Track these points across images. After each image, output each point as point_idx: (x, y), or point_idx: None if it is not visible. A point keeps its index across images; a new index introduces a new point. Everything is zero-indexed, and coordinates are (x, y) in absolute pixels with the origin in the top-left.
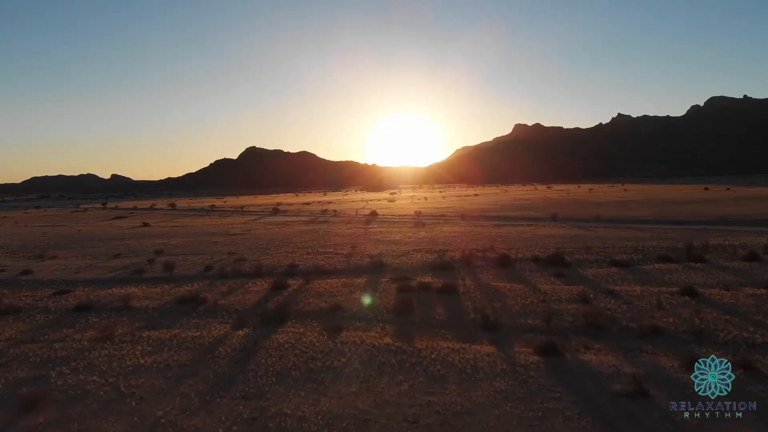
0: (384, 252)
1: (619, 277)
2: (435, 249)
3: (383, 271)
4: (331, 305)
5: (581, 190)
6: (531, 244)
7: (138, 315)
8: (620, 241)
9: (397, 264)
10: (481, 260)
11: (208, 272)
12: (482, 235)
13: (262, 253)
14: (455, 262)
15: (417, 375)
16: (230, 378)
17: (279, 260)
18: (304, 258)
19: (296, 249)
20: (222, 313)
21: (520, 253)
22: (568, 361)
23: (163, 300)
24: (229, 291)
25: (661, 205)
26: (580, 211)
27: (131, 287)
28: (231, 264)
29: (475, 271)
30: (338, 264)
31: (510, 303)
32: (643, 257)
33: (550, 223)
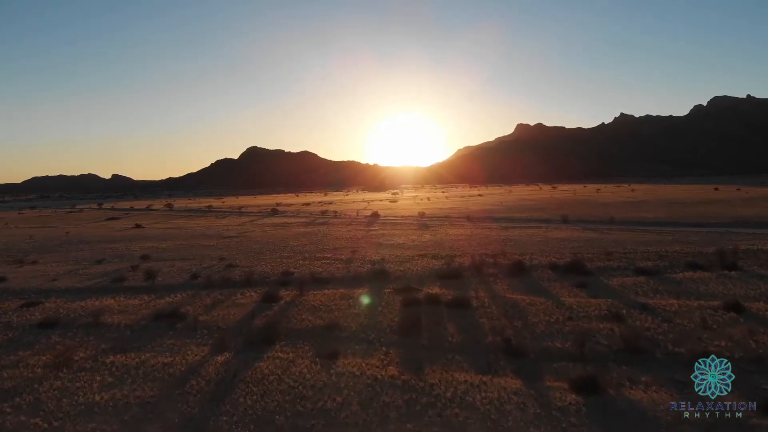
0: (386, 257)
1: (649, 287)
2: (441, 254)
3: (386, 279)
4: (327, 323)
5: (587, 191)
6: (545, 248)
7: (107, 334)
8: (640, 246)
9: (401, 271)
10: (492, 267)
11: (193, 281)
12: (491, 238)
13: (255, 259)
14: (465, 270)
15: (431, 423)
16: (199, 424)
17: (273, 267)
18: (300, 264)
19: (292, 254)
20: (202, 331)
21: (534, 259)
22: (613, 400)
23: (139, 315)
24: (213, 304)
25: (673, 206)
26: (591, 212)
27: (108, 298)
28: (220, 271)
29: (488, 280)
30: (337, 271)
31: (532, 321)
32: (669, 264)
33: (562, 226)
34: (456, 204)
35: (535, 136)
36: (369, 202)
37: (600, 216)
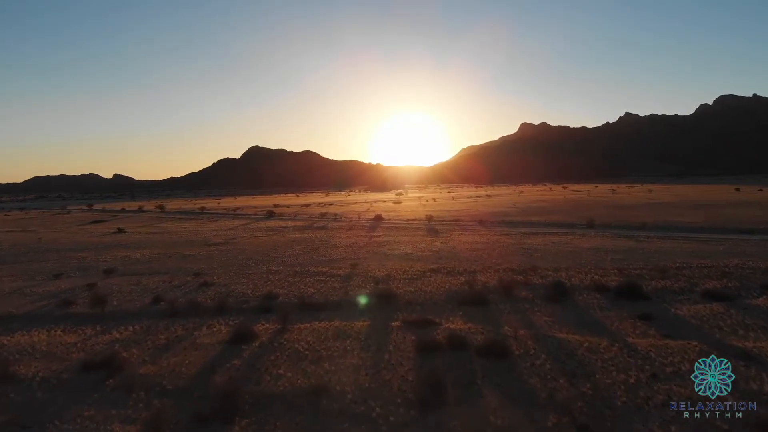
0: (393, 273)
1: (734, 321)
2: (458, 269)
3: (394, 305)
4: (313, 384)
5: (601, 191)
6: (580, 262)
7: (11, 395)
8: (693, 259)
9: (411, 293)
10: (524, 288)
11: (154, 306)
12: (512, 247)
13: (236, 274)
14: (490, 292)
15: None
16: None
17: (255, 286)
18: (288, 282)
19: (282, 267)
20: (139, 394)
21: (572, 276)
22: None
23: (66, 361)
24: (167, 344)
25: (704, 208)
26: (615, 215)
27: (43, 330)
28: (191, 292)
29: (522, 307)
30: (332, 292)
31: (603, 381)
32: (741, 285)
33: (590, 232)
34: (464, 206)
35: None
36: (372, 204)
37: (628, 220)
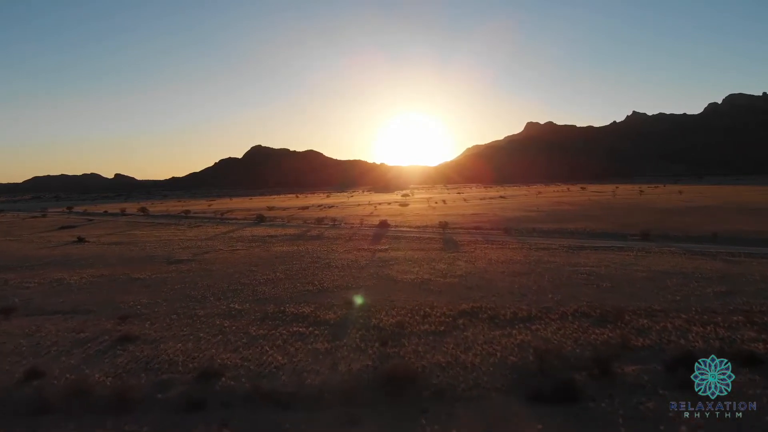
0: (407, 318)
1: None
2: (504, 311)
3: (413, 399)
4: None
5: (626, 192)
6: (673, 298)
7: None
8: None
9: (442, 370)
10: (626, 358)
11: (18, 391)
12: (563, 270)
13: (180, 317)
14: (572, 366)
15: None
16: None
17: (194, 346)
18: (247, 339)
19: (248, 304)
20: None
21: (683, 328)
22: None
23: None
24: None
25: (758, 213)
26: (668, 223)
27: None
28: (94, 356)
29: (643, 411)
30: (311, 366)
31: None
32: None
33: (650, 246)
34: (480, 209)
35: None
36: (376, 206)
37: (686, 230)
